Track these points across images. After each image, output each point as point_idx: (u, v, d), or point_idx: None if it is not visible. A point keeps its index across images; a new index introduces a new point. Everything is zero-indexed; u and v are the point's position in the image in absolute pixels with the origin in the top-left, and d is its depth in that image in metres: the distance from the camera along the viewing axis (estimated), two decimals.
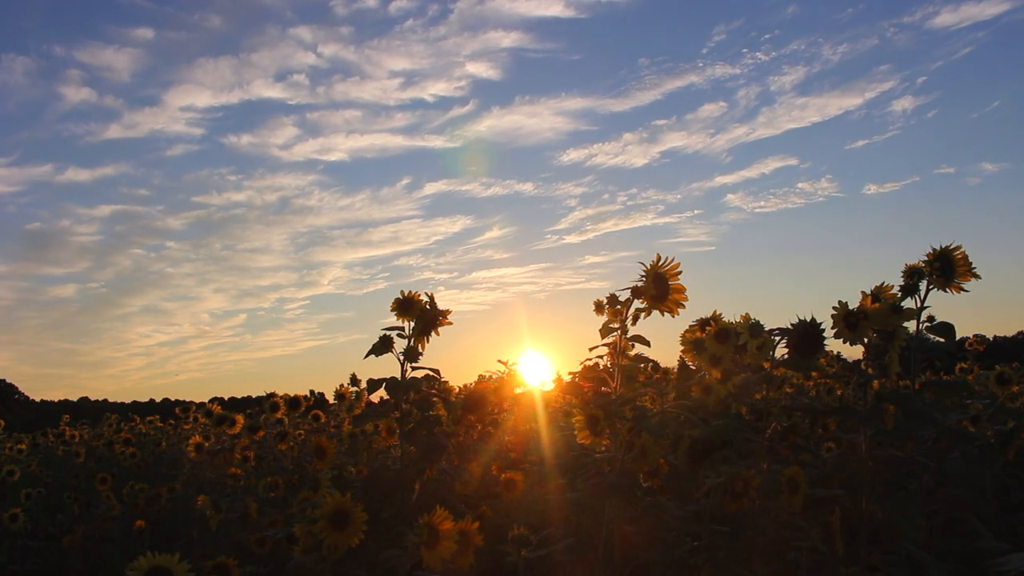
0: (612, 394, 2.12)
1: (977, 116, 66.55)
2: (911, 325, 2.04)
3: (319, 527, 1.88)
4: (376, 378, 2.49)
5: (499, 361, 3.71)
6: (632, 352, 2.15)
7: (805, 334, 1.89)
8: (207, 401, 4.60)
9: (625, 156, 71.09)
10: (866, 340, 1.96)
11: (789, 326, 1.93)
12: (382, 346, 2.47)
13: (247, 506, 3.14)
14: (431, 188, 74.95)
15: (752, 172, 68.07)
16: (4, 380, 44.89)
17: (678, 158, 71.21)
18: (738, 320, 2.01)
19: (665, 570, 1.99)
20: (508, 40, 67.25)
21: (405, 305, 2.44)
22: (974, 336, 5.60)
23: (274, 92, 70.13)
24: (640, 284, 2.03)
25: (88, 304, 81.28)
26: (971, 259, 1.97)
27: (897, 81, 65.46)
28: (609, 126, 72.49)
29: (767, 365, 2.01)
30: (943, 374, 5.67)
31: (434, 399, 2.64)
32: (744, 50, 68.34)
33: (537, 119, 69.29)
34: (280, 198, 76.36)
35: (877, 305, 1.93)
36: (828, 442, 2.49)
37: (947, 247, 1.99)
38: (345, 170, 75.90)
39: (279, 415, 4.10)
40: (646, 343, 2.14)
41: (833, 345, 1.94)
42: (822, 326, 1.89)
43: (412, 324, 2.46)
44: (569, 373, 2.35)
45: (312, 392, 4.78)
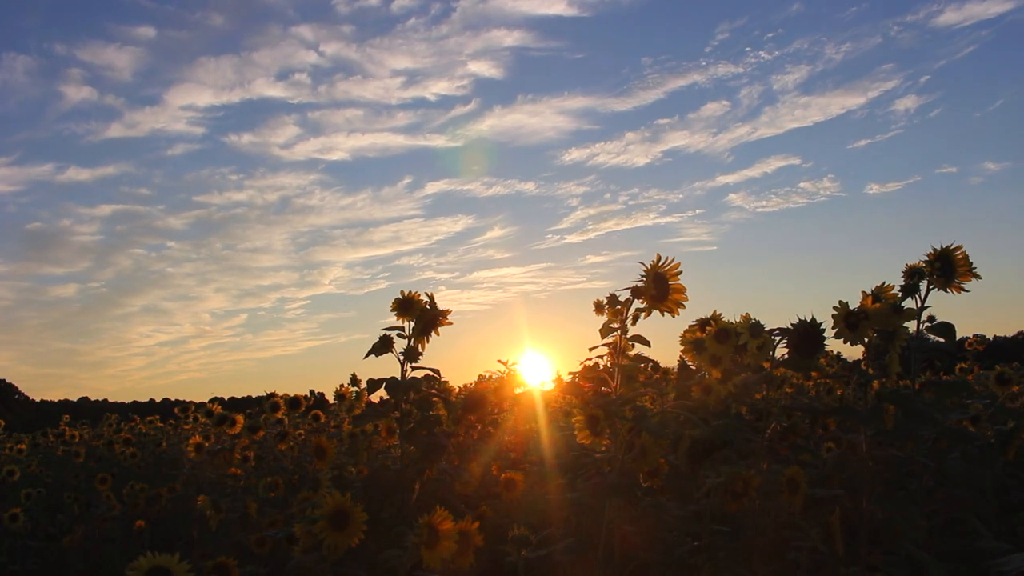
0: (612, 394, 2.12)
1: (980, 115, 66.43)
2: (911, 325, 2.04)
3: (319, 527, 1.88)
4: (376, 378, 2.50)
5: (499, 361, 3.71)
6: (632, 352, 2.15)
7: (805, 334, 1.89)
8: (207, 401, 4.61)
9: (627, 155, 71.00)
10: (866, 340, 1.96)
11: (789, 326, 1.92)
12: (382, 346, 2.47)
13: (247, 506, 3.14)
14: (432, 188, 74.88)
15: (754, 172, 67.98)
16: (4, 380, 44.93)
17: (680, 157, 71.13)
18: (738, 320, 2.01)
19: (665, 570, 1.99)
20: (511, 39, 67.20)
21: (405, 305, 2.44)
22: (974, 336, 5.61)
23: (275, 91, 70.10)
24: (640, 284, 2.03)
25: (89, 304, 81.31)
26: (971, 259, 1.97)
27: (900, 80, 65.35)
28: (611, 125, 72.44)
29: (767, 365, 2.01)
30: (943, 374, 5.66)
31: (434, 399, 2.64)
32: (747, 49, 68.20)
33: (539, 118, 69.20)
34: (281, 197, 76.29)
35: (878, 305, 1.93)
36: (828, 442, 2.49)
37: (947, 247, 1.99)
38: (346, 169, 75.85)
39: (279, 415, 4.10)
40: (646, 343, 2.14)
41: (833, 345, 1.94)
42: (822, 326, 1.89)
43: (412, 324, 2.46)
44: (569, 373, 2.36)
45: (312, 392, 4.79)
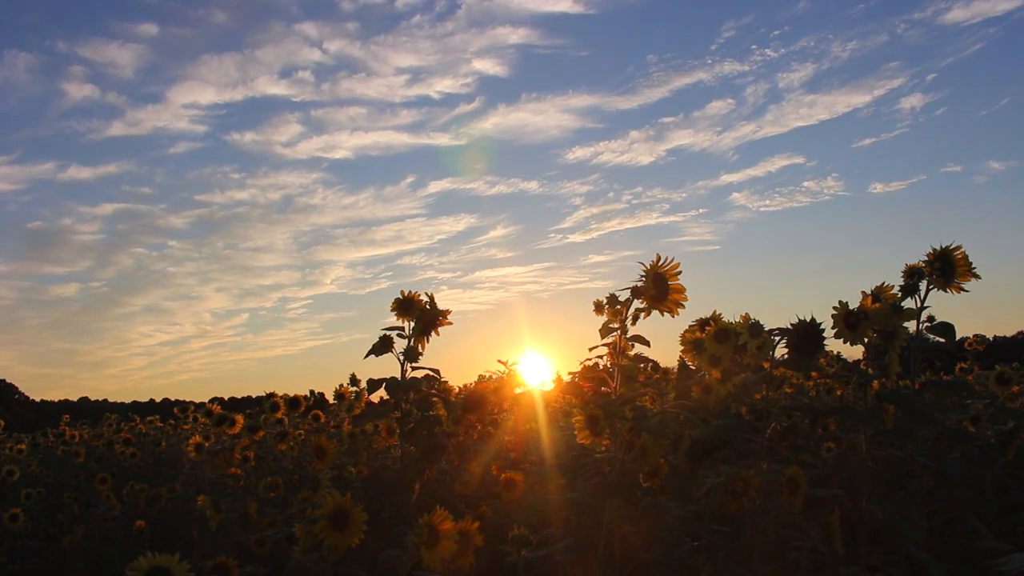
0: (612, 394, 2.12)
1: (986, 113, 66.11)
2: (911, 325, 2.04)
3: (319, 527, 1.88)
4: (376, 378, 2.50)
5: (499, 361, 3.71)
6: (632, 352, 2.15)
7: (805, 334, 1.89)
8: (207, 401, 4.61)
9: (631, 154, 70.76)
10: (866, 340, 1.96)
11: (789, 326, 1.92)
12: (382, 346, 2.47)
13: (247, 506, 3.14)
14: (435, 186, 74.64)
15: (758, 171, 67.77)
16: (4, 380, 44.96)
17: (684, 156, 70.90)
18: (738, 320, 2.01)
19: (665, 570, 1.99)
20: (516, 36, 66.98)
21: (405, 305, 2.44)
22: (974, 336, 5.60)
23: (278, 89, 69.91)
24: (640, 284, 2.03)
25: (89, 303, 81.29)
26: (972, 259, 1.97)
27: (906, 78, 65.02)
28: (616, 124, 72.14)
29: (767, 365, 2.01)
30: (943, 374, 5.67)
31: (434, 399, 2.64)
32: (753, 46, 67.86)
33: (543, 116, 69.00)
34: (283, 196, 76.13)
35: (877, 305, 1.93)
36: (828, 442, 2.49)
37: (947, 247, 1.99)
38: (349, 168, 75.64)
39: (279, 415, 4.10)
40: (646, 343, 2.14)
41: (833, 345, 1.94)
42: (822, 326, 1.89)
43: (412, 324, 2.46)
44: (569, 373, 2.36)
45: (312, 392, 4.79)
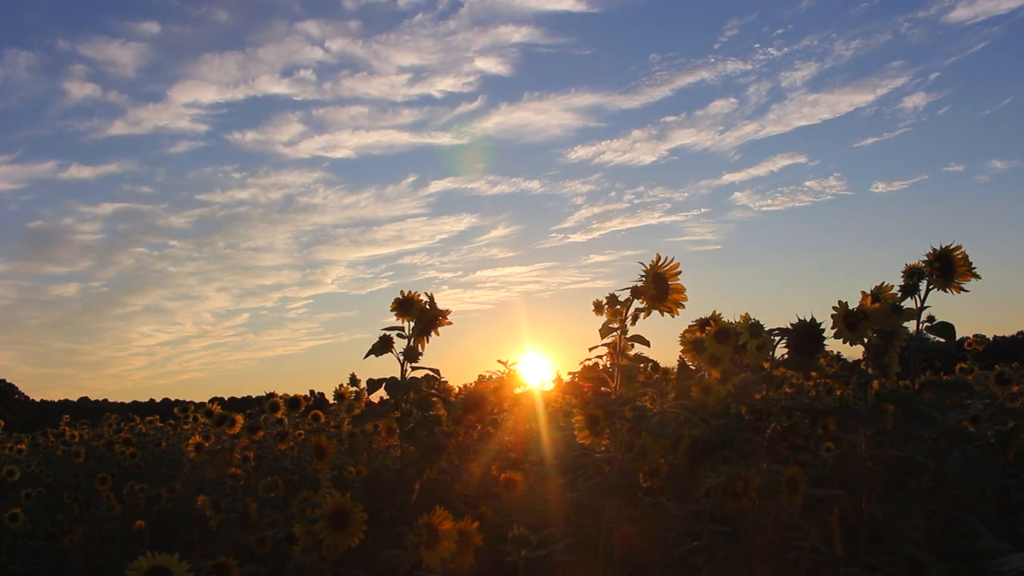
0: (612, 394, 2.12)
1: (989, 113, 65.96)
2: (911, 325, 2.04)
3: (319, 527, 1.88)
4: (376, 378, 2.50)
5: (499, 361, 3.71)
6: (632, 352, 2.15)
7: (805, 334, 1.89)
8: (207, 401, 4.60)
9: (633, 153, 70.65)
10: (866, 340, 1.96)
11: (789, 326, 1.93)
12: (382, 346, 2.47)
13: (247, 506, 3.14)
14: (437, 186, 74.62)
15: (760, 170, 67.65)
16: (4, 380, 44.96)
17: (686, 155, 70.79)
18: (738, 320, 2.01)
19: (665, 570, 1.99)
20: (518, 35, 66.86)
21: (405, 305, 2.44)
22: (974, 336, 5.60)
23: (280, 88, 69.85)
24: (639, 284, 2.03)
25: (90, 303, 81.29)
26: (973, 259, 1.97)
27: (909, 77, 64.86)
28: (618, 123, 72.06)
29: (767, 365, 2.01)
30: (943, 374, 5.67)
31: (434, 399, 2.64)
32: (756, 45, 67.77)
33: (545, 116, 68.86)
34: (284, 196, 76.09)
35: (877, 305, 1.93)
36: (828, 442, 2.48)
37: (947, 247, 1.99)
38: (350, 167, 75.59)
39: (279, 415, 4.10)
40: (646, 343, 2.14)
41: (833, 345, 1.94)
42: (822, 326, 1.89)
43: (412, 324, 2.46)
44: (569, 373, 2.36)
45: (312, 392, 4.79)
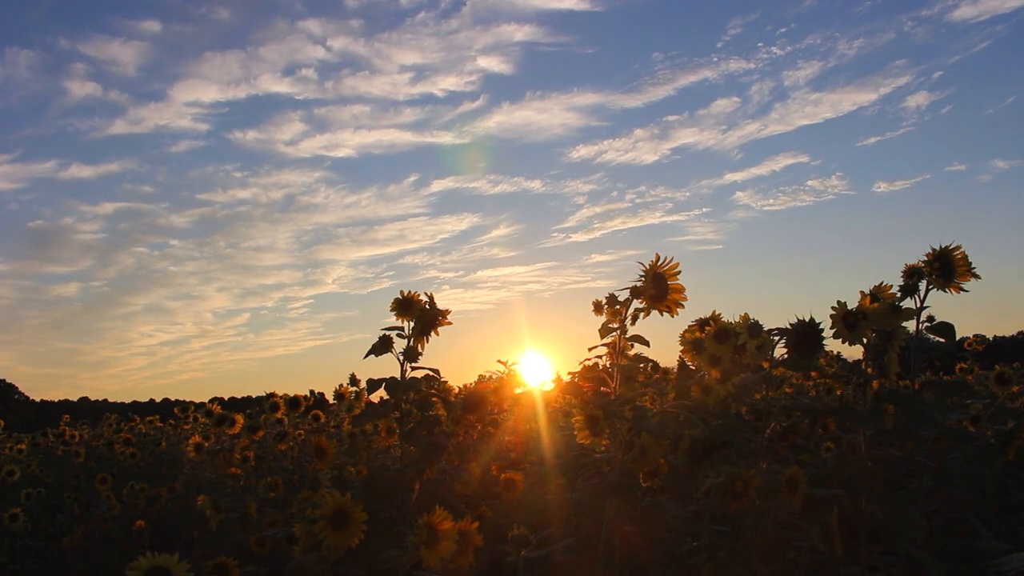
0: (612, 394, 2.12)
1: (992, 112, 65.72)
2: (911, 325, 2.04)
3: (319, 527, 1.88)
4: (376, 378, 2.50)
5: (499, 361, 3.72)
6: (631, 352, 2.15)
7: (804, 334, 1.89)
8: (207, 401, 4.61)
9: (635, 153, 70.49)
10: (865, 340, 1.96)
11: (788, 326, 1.93)
12: (381, 346, 2.47)
13: (247, 506, 3.14)
14: (438, 185, 74.50)
15: (762, 169, 67.48)
16: (4, 380, 44.98)
17: (688, 155, 70.61)
18: (738, 320, 2.01)
19: (665, 570, 1.99)
20: (521, 34, 66.68)
21: (404, 305, 2.44)
22: (974, 336, 5.60)
23: (281, 87, 69.76)
24: (639, 284, 2.03)
25: (90, 303, 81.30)
26: (974, 258, 1.97)
27: (912, 76, 64.59)
28: (620, 122, 71.86)
29: (767, 365, 2.01)
30: (943, 374, 5.66)
31: (434, 399, 2.64)
32: (759, 44, 67.59)
33: (547, 115, 68.69)
34: (286, 195, 75.98)
35: (876, 305, 1.93)
36: (828, 442, 2.48)
37: (946, 247, 1.99)
38: (352, 167, 75.47)
39: (279, 415, 4.10)
40: (645, 343, 2.14)
41: (833, 345, 1.94)
42: (821, 326, 1.89)
43: (412, 324, 2.46)
44: (569, 373, 2.36)
45: (312, 392, 4.79)
